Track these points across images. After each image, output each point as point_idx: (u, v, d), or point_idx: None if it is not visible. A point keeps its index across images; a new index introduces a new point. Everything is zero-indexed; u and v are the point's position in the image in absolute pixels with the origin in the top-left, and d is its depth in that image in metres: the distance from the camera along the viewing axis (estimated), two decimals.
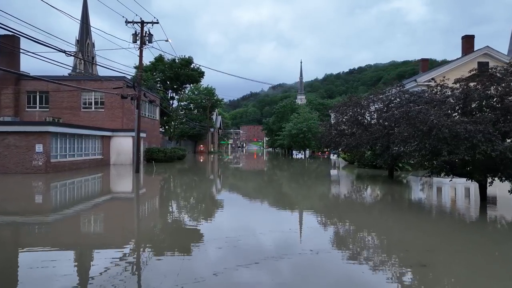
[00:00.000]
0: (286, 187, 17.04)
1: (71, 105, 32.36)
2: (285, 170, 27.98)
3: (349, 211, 10.40)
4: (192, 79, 51.95)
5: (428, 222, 8.80)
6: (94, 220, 9.17)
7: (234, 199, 13.35)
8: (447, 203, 12.14)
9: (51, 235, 7.59)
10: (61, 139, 22.29)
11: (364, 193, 14.62)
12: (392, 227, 8.35)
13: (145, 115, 39.10)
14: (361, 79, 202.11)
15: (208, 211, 10.55)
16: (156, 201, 12.56)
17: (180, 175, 22.81)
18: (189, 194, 14.38)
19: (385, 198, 12.97)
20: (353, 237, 7.58)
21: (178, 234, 7.73)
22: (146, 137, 38.07)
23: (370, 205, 11.77)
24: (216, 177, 22.46)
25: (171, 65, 51.08)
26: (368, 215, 9.97)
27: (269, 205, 11.89)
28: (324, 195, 14.20)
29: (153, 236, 7.63)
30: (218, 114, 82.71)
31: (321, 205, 11.74)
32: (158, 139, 44.13)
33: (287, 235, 7.41)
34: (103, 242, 7.03)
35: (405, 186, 16.87)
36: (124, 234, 7.86)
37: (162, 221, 9.19)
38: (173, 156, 34.12)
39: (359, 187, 16.44)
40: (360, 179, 19.54)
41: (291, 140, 46.47)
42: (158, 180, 19.57)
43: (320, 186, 17.62)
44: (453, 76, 19.13)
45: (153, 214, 10.27)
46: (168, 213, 10.46)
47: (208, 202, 12.38)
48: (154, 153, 32.76)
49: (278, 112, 58.73)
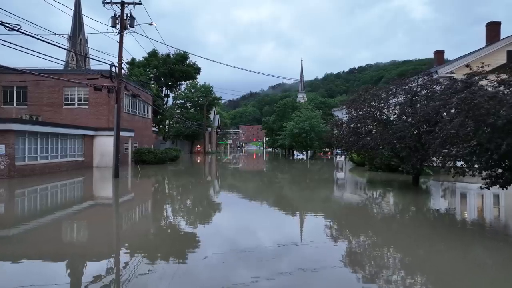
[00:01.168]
0: (290, 195, 14.18)
1: (51, 102, 29.41)
2: (287, 172, 25.09)
3: (374, 230, 7.52)
4: (187, 76, 49.02)
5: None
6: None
7: (230, 217, 10.42)
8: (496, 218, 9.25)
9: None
10: (30, 138, 19.34)
11: (394, 206, 11.71)
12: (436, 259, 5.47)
13: (135, 113, 36.19)
14: (362, 78, 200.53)
15: (191, 241, 7.63)
16: (125, 219, 9.64)
17: (169, 180, 19.89)
18: (173, 209, 11.45)
19: (422, 214, 10.08)
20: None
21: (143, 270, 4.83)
22: (135, 136, 35.16)
23: (409, 225, 8.87)
24: (210, 183, 19.54)
25: (165, 60, 48.14)
26: (407, 239, 7.06)
27: (271, 219, 9.02)
28: (338, 206, 11.33)
29: (99, 277, 4.73)
30: (217, 113, 79.74)
31: (336, 219, 8.88)
32: (150, 139, 41.22)
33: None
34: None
35: (435, 195, 13.97)
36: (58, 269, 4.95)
37: (129, 251, 6.27)
38: (164, 157, 31.20)
39: (383, 198, 13.52)
40: (378, 186, 16.63)
41: (292, 140, 43.53)
42: (139, 187, 16.65)
43: (329, 192, 14.75)
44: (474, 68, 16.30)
45: (117, 238, 7.35)
46: (138, 237, 7.55)
47: (196, 221, 9.46)
48: (143, 154, 29.83)
49: (279, 110, 55.59)
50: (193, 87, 63.28)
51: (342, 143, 16.64)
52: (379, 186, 16.53)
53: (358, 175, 23.28)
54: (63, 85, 29.01)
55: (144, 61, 48.14)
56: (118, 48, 18.52)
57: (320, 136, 43.31)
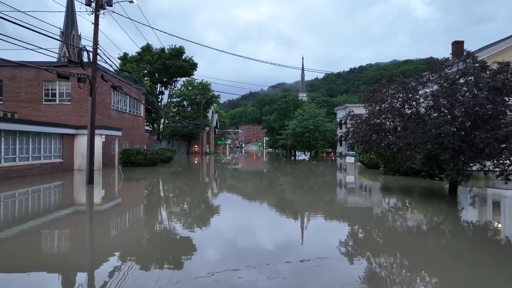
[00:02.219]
0: (296, 201, 11.34)
1: (30, 97, 26.54)
2: (289, 175, 22.23)
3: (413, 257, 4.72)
4: (183, 72, 46.12)
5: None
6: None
7: (226, 244, 7.53)
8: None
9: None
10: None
11: (431, 223, 8.84)
12: None
13: (125, 110, 33.37)
14: (363, 78, 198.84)
15: None
16: (79, 249, 6.77)
17: (153, 188, 17.03)
18: (151, 230, 8.58)
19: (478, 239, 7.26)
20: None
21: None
22: (125, 136, 32.34)
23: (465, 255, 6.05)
24: (203, 190, 16.68)
25: (160, 55, 45.26)
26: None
27: (275, 234, 6.22)
28: (356, 219, 8.49)
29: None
30: (215, 112, 76.88)
31: (354, 236, 6.07)
32: (143, 138, 38.40)
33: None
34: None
35: (485, 209, 11.12)
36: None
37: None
38: (155, 158, 28.34)
39: (413, 211, 10.66)
40: (400, 193, 13.79)
41: (295, 139, 40.67)
42: (111, 199, 13.75)
43: (342, 200, 11.93)
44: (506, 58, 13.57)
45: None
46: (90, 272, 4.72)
47: (181, 251, 6.57)
48: (131, 155, 26.98)
49: (280, 108, 52.58)
50: (190, 85, 60.49)
51: (360, 143, 13.80)
52: (402, 193, 13.69)
53: (371, 178, 20.44)
54: (42, 78, 26.20)
55: (137, 56, 45.30)
56: (93, 32, 15.67)
57: (324, 135, 40.54)
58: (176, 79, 48.53)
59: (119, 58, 44.94)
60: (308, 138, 38.87)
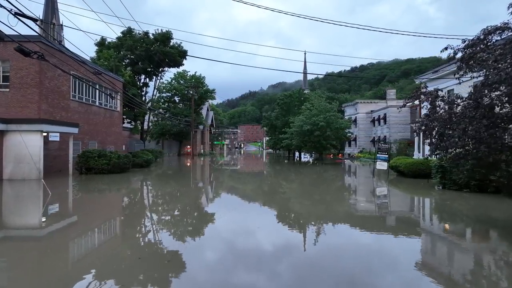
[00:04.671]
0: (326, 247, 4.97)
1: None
2: (301, 183, 15.66)
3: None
4: (170, 60, 39.47)
5: None
6: None
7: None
8: None
9: None
10: None
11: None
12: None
13: (94, 102, 26.79)
14: (364, 77, 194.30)
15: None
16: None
17: (88, 216, 10.43)
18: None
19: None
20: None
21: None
22: (91, 134, 25.81)
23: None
24: (174, 225, 10.04)
25: (142, 40, 38.63)
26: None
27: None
28: None
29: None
30: (210, 109, 70.25)
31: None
32: (120, 138, 31.78)
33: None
34: None
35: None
36: None
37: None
38: (125, 163, 21.72)
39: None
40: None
41: (302, 139, 34.02)
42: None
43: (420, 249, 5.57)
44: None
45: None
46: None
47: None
48: (90, 159, 20.37)
49: (283, 103, 45.71)
50: (182, 78, 53.93)
51: (461, 140, 7.21)
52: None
53: (427, 196, 13.88)
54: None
55: (117, 42, 38.67)
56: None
57: (337, 134, 33.96)
58: (163, 69, 41.87)
59: (96, 44, 38.34)
60: (318, 138, 32.23)
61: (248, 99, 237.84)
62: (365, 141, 54.31)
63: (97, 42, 38.44)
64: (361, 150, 53.15)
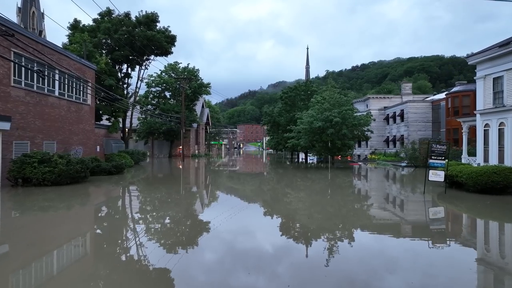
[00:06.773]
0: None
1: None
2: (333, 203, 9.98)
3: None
4: (156, 46, 33.72)
5: None
6: None
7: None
8: None
9: None
10: None
11: None
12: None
13: (53, 92, 21.03)
14: (365, 76, 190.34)
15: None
16: None
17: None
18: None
19: None
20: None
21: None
22: (46, 133, 20.09)
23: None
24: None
25: (123, 22, 32.85)
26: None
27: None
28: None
29: None
30: (206, 106, 64.45)
31: None
32: (91, 137, 25.98)
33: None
34: None
35: None
36: None
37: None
38: (78, 171, 15.92)
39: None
40: None
41: (312, 138, 28.22)
42: None
43: None
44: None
45: None
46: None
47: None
48: (27, 165, 14.59)
49: (287, 97, 39.75)
50: (173, 70, 48.15)
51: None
52: None
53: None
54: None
55: (94, 25, 32.92)
56: None
57: (353, 132, 28.27)
58: (148, 57, 36.08)
59: (68, 27, 32.60)
60: (332, 137, 26.47)
61: (248, 99, 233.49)
62: (377, 140, 48.58)
63: (70, 25, 32.74)
64: (373, 151, 47.48)
